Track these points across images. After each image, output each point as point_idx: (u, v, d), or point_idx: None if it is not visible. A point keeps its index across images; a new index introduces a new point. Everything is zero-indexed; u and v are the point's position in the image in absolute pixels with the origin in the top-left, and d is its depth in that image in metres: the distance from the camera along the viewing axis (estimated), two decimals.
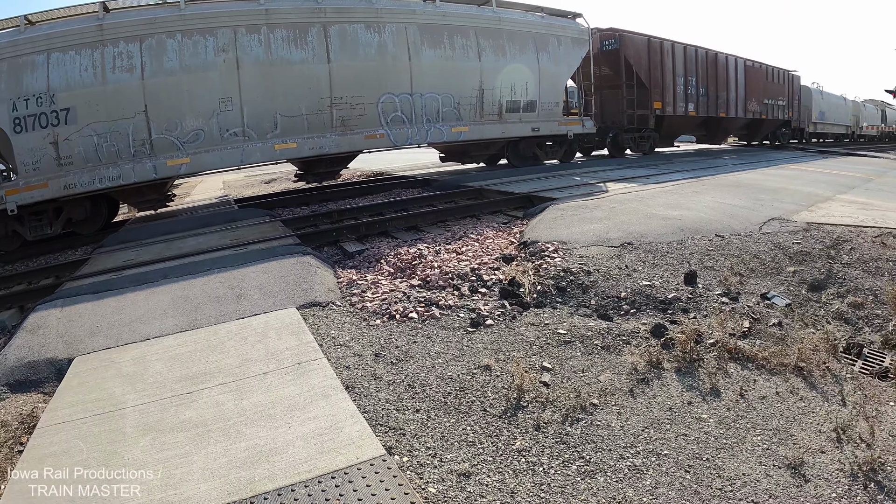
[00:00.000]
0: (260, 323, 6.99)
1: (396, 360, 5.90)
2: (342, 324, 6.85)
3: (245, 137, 16.18)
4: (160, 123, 15.25)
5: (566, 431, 4.92)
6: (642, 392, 5.66)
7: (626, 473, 4.47)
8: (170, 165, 15.49)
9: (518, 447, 4.67)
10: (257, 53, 16.01)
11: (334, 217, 14.30)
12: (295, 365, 5.75)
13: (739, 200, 13.26)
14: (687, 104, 27.95)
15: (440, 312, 7.03)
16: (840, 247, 9.89)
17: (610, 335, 6.68)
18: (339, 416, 4.81)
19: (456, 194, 16.25)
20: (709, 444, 4.91)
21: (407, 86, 18.42)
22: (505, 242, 10.31)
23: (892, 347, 7.30)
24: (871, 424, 5.27)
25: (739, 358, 6.40)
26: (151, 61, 14.91)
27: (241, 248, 10.31)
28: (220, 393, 5.42)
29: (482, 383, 5.51)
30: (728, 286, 8.23)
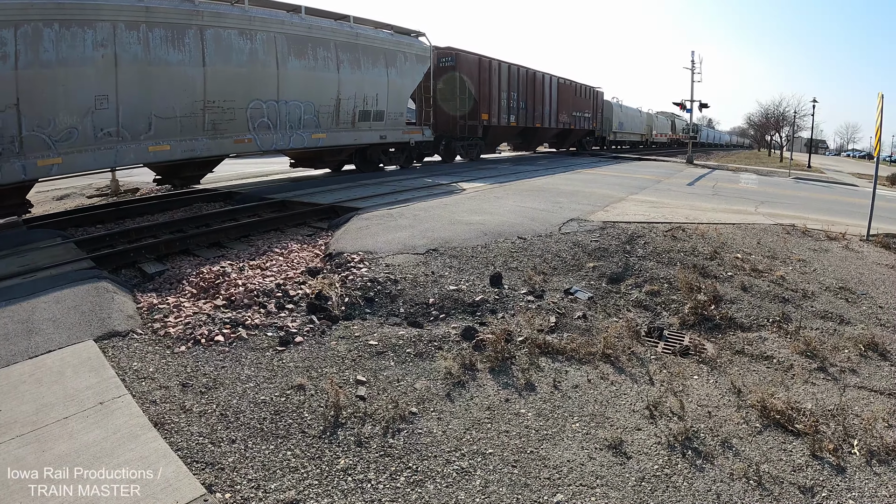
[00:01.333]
0: (56, 361, 6.47)
1: (206, 389, 5.63)
2: (145, 354, 6.47)
3: (119, 138, 15.23)
4: (32, 119, 13.60)
5: (389, 444, 4.89)
6: (459, 395, 5.72)
7: (455, 478, 4.50)
8: (41, 166, 13.89)
9: (342, 466, 4.59)
10: (136, 51, 15.14)
11: (132, 236, 13.51)
12: (97, 405, 5.34)
13: (540, 204, 13.79)
14: (510, 116, 31.87)
15: (247, 333, 6.80)
16: (635, 242, 10.46)
17: (422, 342, 6.73)
18: (152, 458, 4.51)
19: (259, 207, 15.88)
20: (531, 437, 5.06)
21: (274, 93, 18.83)
22: (310, 255, 10.17)
23: (690, 327, 7.81)
24: (679, 398, 5.65)
25: (549, 352, 6.63)
26: (27, 50, 13.20)
27: (30, 276, 9.54)
28: (18, 446, 4.90)
29: (297, 404, 5.37)
30: (533, 285, 8.48)
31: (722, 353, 7.18)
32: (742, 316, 8.26)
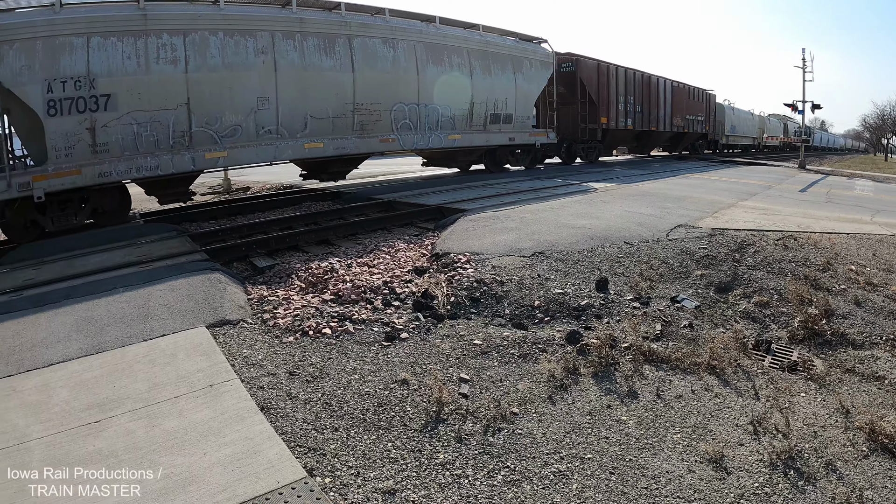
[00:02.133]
0: (169, 344, 6.74)
1: (312, 378, 5.76)
2: (254, 342, 6.66)
3: (278, 135, 17.00)
4: (201, 117, 15.60)
5: (489, 442, 4.88)
6: (561, 398, 5.67)
7: (551, 480, 4.45)
8: (208, 158, 15.88)
9: (441, 461, 4.61)
10: (293, 58, 16.99)
11: (244, 231, 13.99)
12: (207, 387, 5.55)
13: (647, 208, 13.56)
14: (626, 119, 31.97)
15: (354, 327, 6.92)
16: (744, 250, 10.17)
17: (526, 344, 6.69)
18: (257, 440, 4.65)
19: (367, 207, 16.17)
20: (630, 445, 4.96)
21: (415, 96, 20.28)
22: (417, 254, 10.26)
23: (799, 342, 7.54)
24: (784, 415, 5.45)
25: (654, 360, 6.50)
26: (195, 55, 15.25)
27: (147, 266, 9.97)
28: (130, 420, 5.17)
29: (401, 398, 5.42)
30: (639, 291, 8.35)
31: (831, 371, 6.89)
32: (854, 332, 7.90)
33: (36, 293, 9.36)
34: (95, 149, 14.31)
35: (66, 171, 14.00)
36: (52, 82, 13.68)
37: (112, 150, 14.54)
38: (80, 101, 14.00)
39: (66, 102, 13.89)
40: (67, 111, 13.91)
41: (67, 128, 13.95)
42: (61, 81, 13.76)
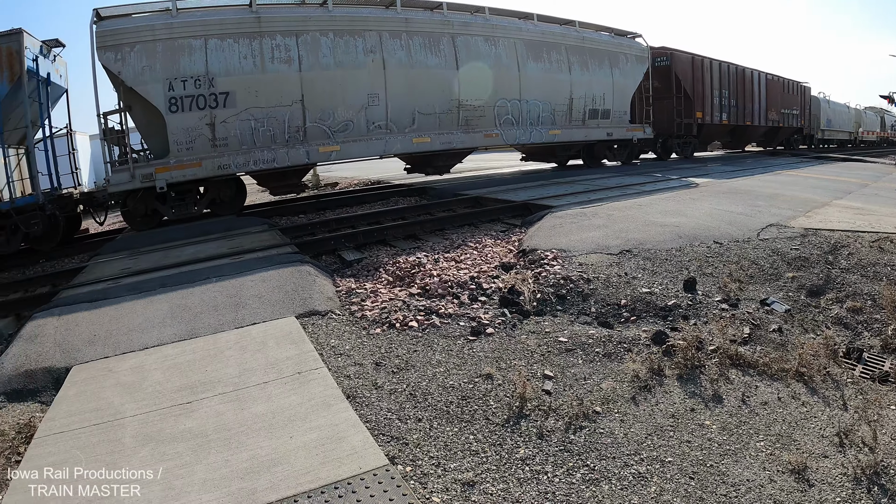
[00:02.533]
0: (259, 332, 6.95)
1: (398, 369, 5.87)
2: (342, 333, 6.81)
3: (388, 130, 17.88)
4: (314, 113, 16.68)
5: (569, 439, 4.88)
6: (645, 399, 5.63)
7: (630, 481, 4.43)
8: (321, 152, 16.87)
9: (522, 456, 4.64)
10: (400, 56, 17.87)
11: (332, 226, 14.33)
12: (295, 374, 5.71)
13: (737, 206, 13.24)
14: (721, 114, 31.35)
15: (440, 321, 7.00)
16: (838, 252, 9.86)
17: (611, 342, 6.66)
18: (342, 426, 4.77)
19: (453, 203, 16.27)
20: (712, 451, 4.88)
21: (516, 93, 20.74)
22: (503, 251, 10.28)
23: (892, 351, 7.28)
24: (873, 428, 5.23)
25: (741, 364, 6.38)
26: (308, 55, 16.39)
27: (239, 257, 10.26)
28: (220, 403, 5.37)
29: (484, 392, 5.47)
30: (727, 292, 8.21)
31: None
32: None
33: (133, 281, 9.73)
34: (215, 143, 15.58)
35: (186, 163, 15.29)
36: (172, 81, 14.96)
37: (230, 144, 15.74)
38: (200, 99, 15.27)
39: (187, 100, 15.17)
40: (188, 108, 15.21)
41: (188, 123, 15.25)
42: (182, 80, 15.03)
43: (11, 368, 7.20)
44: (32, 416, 6.22)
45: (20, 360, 7.34)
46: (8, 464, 5.39)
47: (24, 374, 7.04)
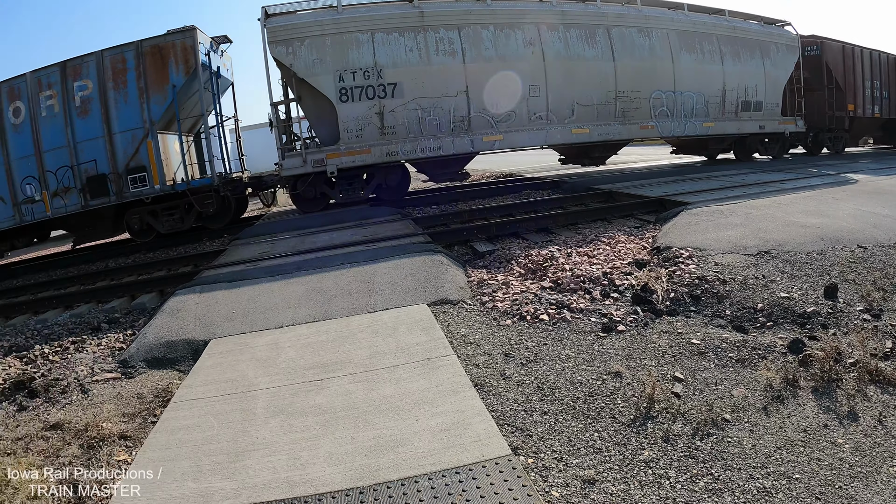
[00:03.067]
0: (391, 317, 7.14)
1: (526, 361, 5.92)
2: (472, 322, 6.91)
3: (548, 121, 18.53)
4: (478, 103, 17.65)
5: (696, 446, 4.79)
6: (776, 410, 5.46)
7: (754, 495, 4.30)
8: (485, 141, 17.82)
9: (645, 458, 4.59)
10: (558, 48, 18.47)
11: (464, 217, 14.51)
12: (425, 360, 5.86)
13: (883, 209, 12.50)
14: (873, 107, 29.51)
15: (571, 316, 7.00)
16: None
17: (745, 348, 6.48)
18: (467, 413, 4.86)
19: (586, 197, 16.20)
20: (843, 472, 4.65)
21: (670, 84, 20.79)
22: (637, 247, 10.16)
23: None
24: None
25: (880, 381, 6.06)
26: (470, 48, 17.40)
27: (372, 245, 10.53)
28: (349, 382, 5.58)
29: (612, 390, 5.44)
30: (870, 302, 7.82)
31: None
32: None
33: (270, 264, 10.14)
34: (383, 131, 16.95)
35: (356, 150, 16.83)
36: (342, 73, 16.52)
37: (398, 133, 17.05)
38: (369, 89, 16.70)
39: (357, 90, 16.66)
40: (358, 98, 16.69)
41: (358, 112, 16.74)
42: (351, 72, 16.55)
43: (153, 338, 7.62)
44: (170, 383, 6.58)
45: (162, 331, 7.78)
46: (145, 424, 5.74)
47: (164, 344, 7.47)
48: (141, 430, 5.61)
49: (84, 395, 6.78)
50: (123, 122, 16.73)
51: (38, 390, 6.97)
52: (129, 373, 7.24)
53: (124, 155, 16.83)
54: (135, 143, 16.71)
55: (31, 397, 6.93)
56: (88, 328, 9.85)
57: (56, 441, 5.68)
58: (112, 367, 7.53)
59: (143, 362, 7.38)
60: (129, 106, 16.58)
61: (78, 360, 7.90)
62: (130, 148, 16.78)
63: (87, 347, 8.64)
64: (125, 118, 16.68)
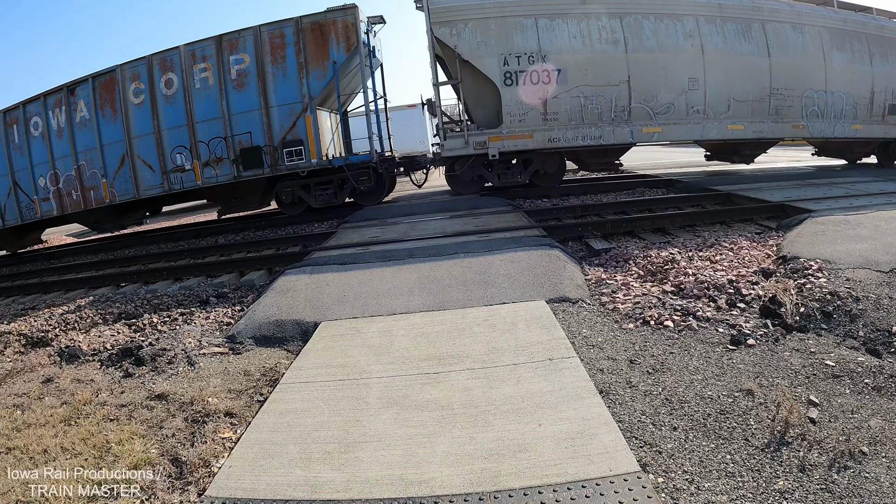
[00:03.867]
0: (508, 312, 6.91)
1: (653, 370, 5.59)
2: (593, 323, 6.62)
3: (705, 115, 18.49)
4: (639, 94, 17.82)
5: (832, 479, 4.39)
6: None
7: None
8: (644, 132, 18.16)
9: (780, 488, 4.23)
10: (716, 42, 18.37)
11: (577, 212, 14.30)
12: (546, 360, 5.60)
13: None
14: None
15: (698, 324, 6.64)
16: None
17: (881, 374, 5.98)
18: (592, 422, 4.57)
19: (702, 198, 15.68)
20: None
21: (822, 83, 20.04)
22: (761, 254, 9.66)
23: None
24: None
25: None
26: (632, 37, 17.57)
27: (486, 235, 10.36)
28: (467, 378, 5.35)
29: (744, 409, 5.07)
30: None
31: None
32: None
33: (380, 249, 10.09)
34: (546, 117, 17.31)
35: (518, 134, 17.35)
36: (507, 56, 16.95)
37: (560, 119, 17.40)
38: (533, 74, 17.00)
39: (521, 75, 17.02)
40: (522, 82, 17.01)
41: (522, 97, 17.04)
42: (516, 56, 16.95)
43: (263, 317, 7.60)
44: (278, 363, 6.52)
45: (271, 309, 7.75)
46: (251, 402, 5.67)
47: (273, 322, 7.44)
48: (247, 409, 5.53)
49: (190, 367, 6.83)
50: (281, 96, 17.66)
51: (144, 359, 7.11)
52: (236, 348, 7.25)
53: (280, 128, 17.75)
54: (292, 117, 17.62)
55: (137, 365, 7.08)
56: (197, 301, 9.99)
57: (160, 411, 5.71)
58: (219, 341, 7.55)
59: (251, 339, 7.36)
60: (287, 80, 17.52)
61: (186, 332, 7.97)
62: (287, 122, 17.69)
63: (195, 320, 8.73)
64: (283, 92, 17.61)
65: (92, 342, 8.40)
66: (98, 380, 6.93)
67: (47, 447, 5.20)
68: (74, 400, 6.28)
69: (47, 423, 5.77)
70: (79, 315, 10.23)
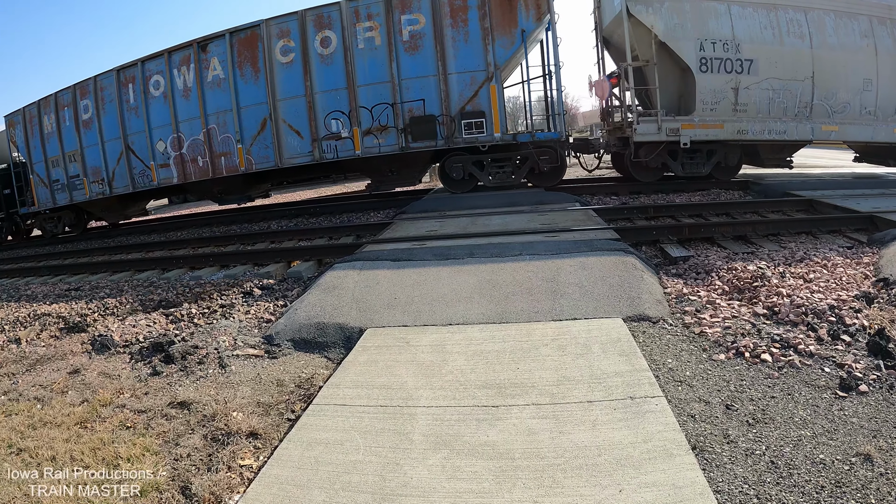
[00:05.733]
0: (581, 331, 6.05)
1: (753, 420, 4.64)
2: (679, 351, 5.74)
3: (874, 117, 17.99)
4: (821, 91, 17.40)
5: None
6: None
7: None
8: (823, 130, 17.70)
9: None
10: (888, 44, 17.84)
11: (649, 213, 13.46)
12: (627, 399, 4.70)
13: None
14: None
15: (800, 360, 5.67)
16: None
17: None
18: (685, 491, 3.67)
19: (783, 203, 14.62)
20: None
21: None
22: (857, 274, 8.61)
23: None
24: None
25: None
26: (816, 33, 17.20)
27: (553, 235, 9.60)
28: (532, 416, 4.50)
29: (863, 481, 4.06)
30: None
31: None
32: None
33: (438, 245, 9.43)
34: (736, 108, 16.97)
35: (710, 123, 16.98)
36: (703, 42, 16.60)
37: (749, 111, 17.05)
38: (727, 63, 16.75)
39: (716, 62, 16.72)
40: (716, 70, 16.74)
41: (715, 85, 16.78)
42: (711, 42, 16.61)
43: (304, 317, 7.03)
44: (315, 373, 5.95)
45: (315, 310, 7.18)
46: (280, 421, 5.05)
47: (315, 325, 6.90)
48: (274, 430, 4.85)
49: (221, 369, 6.31)
50: (461, 63, 17.00)
51: (174, 356, 6.69)
52: (272, 351, 6.65)
53: (459, 98, 17.04)
54: (473, 87, 16.92)
55: (166, 362, 6.69)
56: (240, 291, 9.54)
57: (179, 424, 5.16)
58: (256, 341, 6.96)
59: (289, 342, 6.74)
60: (469, 46, 16.85)
61: (223, 328, 7.43)
62: (468, 91, 16.99)
63: (234, 314, 8.21)
64: (463, 58, 16.95)
65: (126, 332, 8.07)
66: (124, 376, 6.53)
67: (56, 454, 4.82)
68: (95, 399, 5.92)
69: (63, 424, 5.44)
70: (119, 300, 9.98)
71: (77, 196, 21.67)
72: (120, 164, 20.13)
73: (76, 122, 20.98)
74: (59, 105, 21.44)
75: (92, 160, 20.95)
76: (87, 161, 21.07)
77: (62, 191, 21.97)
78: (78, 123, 20.95)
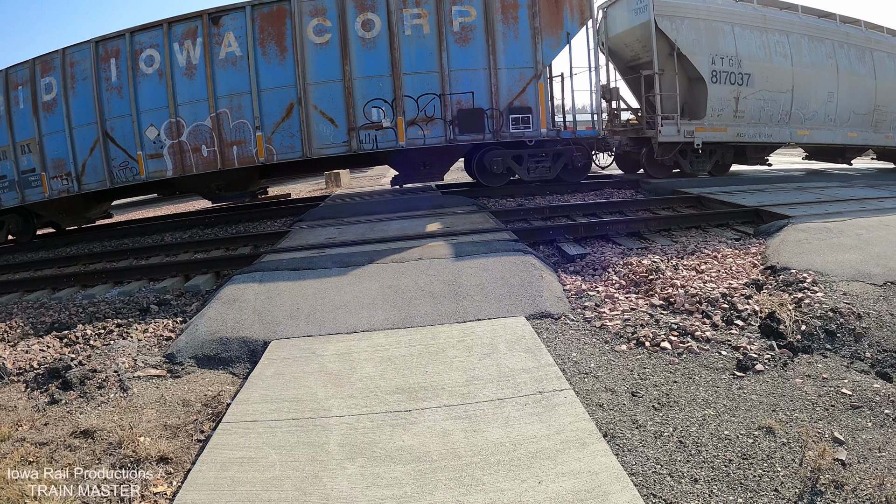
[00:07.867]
0: (486, 331, 6.12)
1: (659, 405, 4.82)
2: (582, 345, 5.87)
3: (835, 123, 21.82)
4: (798, 101, 20.80)
5: None
6: None
7: None
8: (799, 134, 21.30)
9: None
10: (845, 64, 21.63)
11: (545, 213, 13.68)
12: (536, 394, 4.80)
13: None
14: None
15: (698, 346, 5.91)
16: None
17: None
18: (602, 476, 3.78)
19: (673, 200, 15.28)
20: None
21: None
22: (746, 263, 9.02)
23: None
24: None
25: None
26: (795, 53, 20.62)
27: (452, 238, 9.70)
28: (445, 418, 4.53)
29: (767, 452, 4.31)
30: None
31: None
32: None
33: (338, 253, 9.39)
34: (736, 114, 19.87)
35: (717, 127, 19.72)
36: (714, 56, 19.29)
37: (745, 118, 20.04)
38: (731, 76, 19.56)
39: (723, 74, 19.44)
40: (723, 81, 19.48)
41: (722, 94, 19.47)
42: (720, 57, 19.38)
43: (206, 332, 6.87)
44: (222, 390, 5.81)
45: (216, 324, 7.02)
46: (190, 442, 4.90)
47: (218, 340, 6.74)
48: (185, 452, 4.71)
49: (123, 393, 6.04)
50: (511, 58, 17.08)
51: (72, 382, 6.34)
52: (175, 370, 6.45)
53: (508, 92, 17.04)
54: (521, 83, 17.07)
55: (64, 389, 6.30)
56: (137, 308, 9.24)
57: (84, 454, 4.87)
58: (157, 360, 6.74)
59: (192, 359, 6.57)
60: (519, 42, 17.04)
61: (121, 349, 7.15)
62: (516, 86, 17.06)
63: (132, 333, 7.91)
64: (514, 54, 17.08)
65: (18, 359, 7.59)
66: (20, 406, 6.11)
67: None
68: None
69: None
70: (9, 324, 9.39)
71: (32, 195, 18.00)
72: (94, 155, 17.21)
73: (34, 104, 17.63)
74: (11, 84, 17.99)
75: (54, 151, 17.60)
76: (46, 151, 17.62)
77: (10, 189, 18.25)
78: (36, 106, 17.62)
